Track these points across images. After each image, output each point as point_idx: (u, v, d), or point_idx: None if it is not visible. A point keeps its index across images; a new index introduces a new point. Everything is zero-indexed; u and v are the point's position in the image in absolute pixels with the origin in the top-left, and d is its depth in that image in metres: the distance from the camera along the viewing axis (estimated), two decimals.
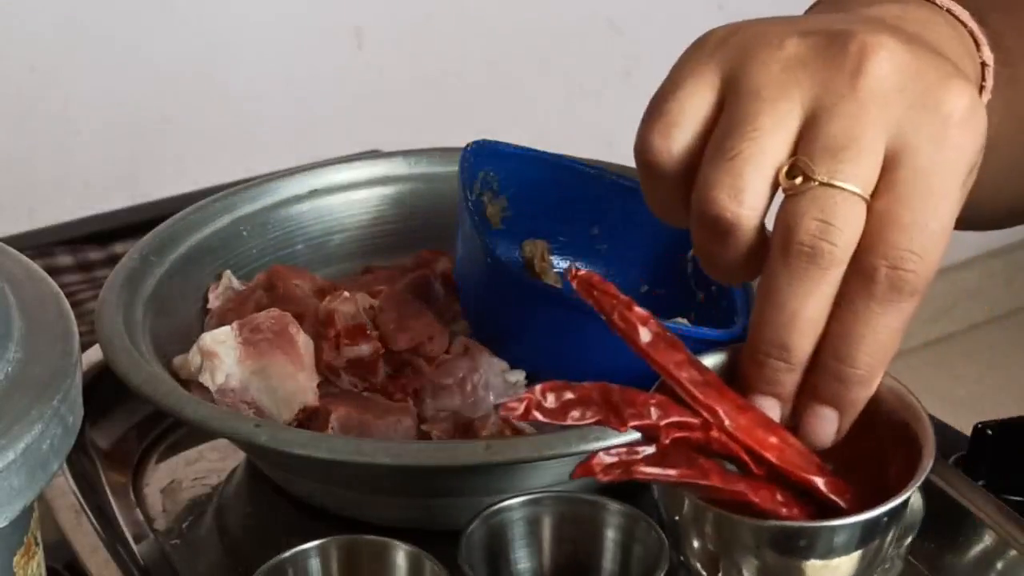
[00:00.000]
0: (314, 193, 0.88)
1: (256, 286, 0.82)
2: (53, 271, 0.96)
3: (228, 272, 0.83)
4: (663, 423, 0.52)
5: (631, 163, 0.87)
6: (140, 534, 0.75)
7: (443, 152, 0.90)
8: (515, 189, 0.82)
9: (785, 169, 0.51)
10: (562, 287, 0.82)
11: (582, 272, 0.54)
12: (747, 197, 0.51)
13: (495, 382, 0.76)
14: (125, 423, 0.83)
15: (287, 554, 0.64)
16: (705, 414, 0.53)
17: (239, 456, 0.81)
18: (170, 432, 0.84)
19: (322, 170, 0.89)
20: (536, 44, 1.77)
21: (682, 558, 0.56)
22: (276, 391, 0.73)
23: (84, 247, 1.14)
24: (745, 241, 0.53)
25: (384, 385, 0.76)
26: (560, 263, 0.84)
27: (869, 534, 0.53)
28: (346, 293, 0.78)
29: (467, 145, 0.80)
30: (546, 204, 0.82)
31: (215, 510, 0.78)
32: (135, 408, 0.83)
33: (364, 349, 0.76)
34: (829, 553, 0.53)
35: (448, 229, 0.80)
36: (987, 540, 0.69)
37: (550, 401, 0.51)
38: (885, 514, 0.53)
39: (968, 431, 0.78)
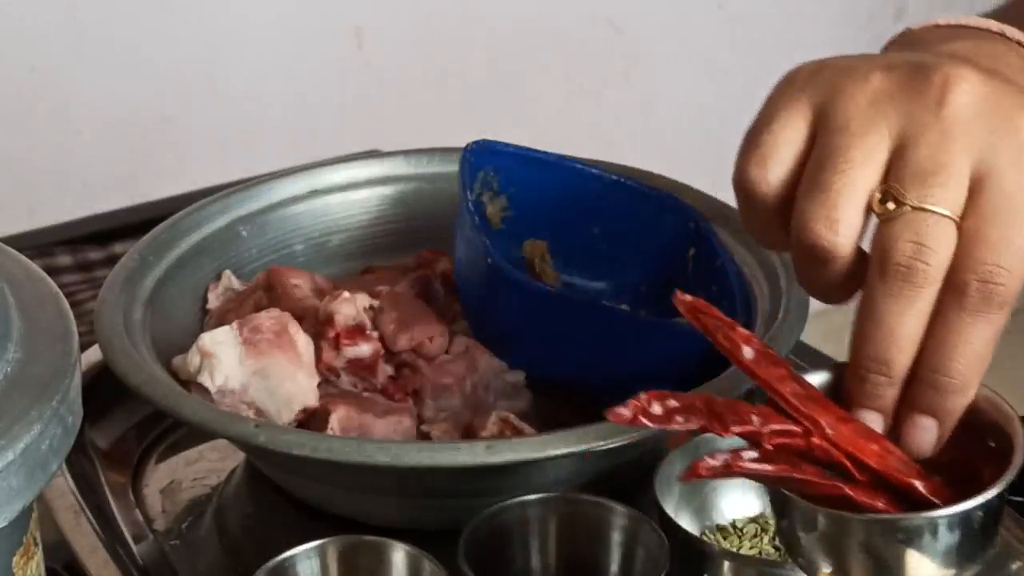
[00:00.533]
0: (314, 193, 0.88)
1: (255, 286, 0.82)
2: (53, 271, 0.96)
3: (228, 272, 0.83)
4: (766, 430, 0.55)
5: (631, 163, 0.87)
6: (139, 534, 0.75)
7: (443, 152, 0.90)
8: (515, 189, 0.82)
9: (878, 196, 0.55)
10: (561, 288, 0.82)
11: (688, 298, 0.57)
12: (842, 227, 0.55)
13: (495, 382, 0.76)
14: (124, 423, 0.83)
15: (287, 554, 0.64)
16: (807, 424, 0.55)
17: (239, 456, 0.81)
18: (170, 432, 0.84)
19: (322, 170, 0.89)
20: (536, 44, 1.77)
21: (798, 560, 0.58)
22: (276, 391, 0.73)
23: (84, 247, 1.14)
24: (842, 265, 0.57)
25: (384, 385, 0.76)
26: (561, 263, 0.83)
27: (967, 526, 0.55)
28: (346, 293, 0.77)
29: (467, 145, 0.80)
30: (546, 204, 0.82)
31: (215, 510, 0.78)
32: (135, 408, 0.83)
33: (364, 349, 0.76)
34: (929, 545, 0.55)
35: (448, 229, 0.80)
36: None
37: (655, 408, 0.54)
38: (980, 507, 0.55)
39: None
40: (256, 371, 0.74)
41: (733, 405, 0.55)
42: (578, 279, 0.84)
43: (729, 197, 0.86)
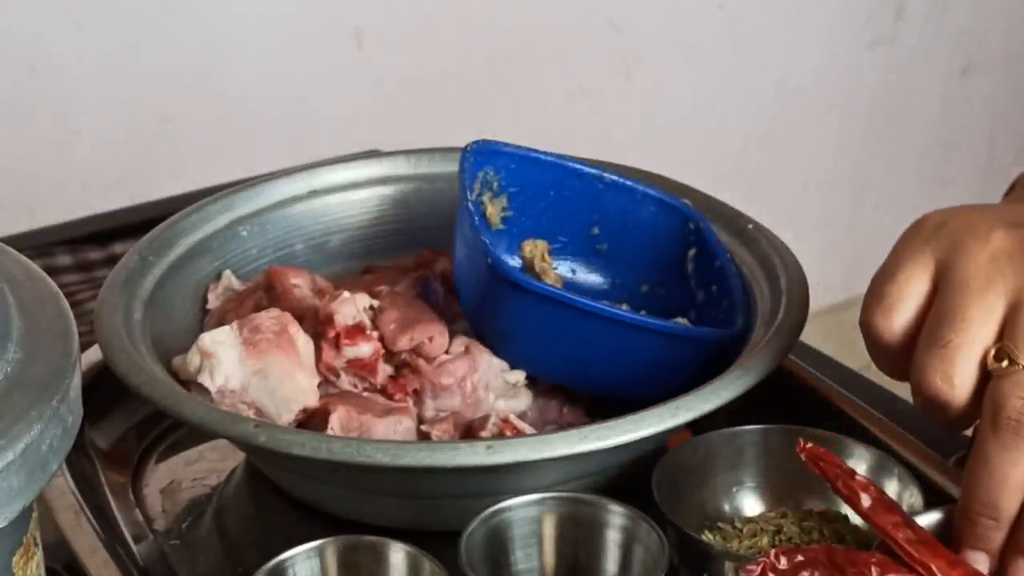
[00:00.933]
0: (314, 193, 0.88)
1: (256, 286, 0.82)
2: (53, 271, 0.96)
3: (228, 272, 0.83)
4: None
5: (631, 163, 0.87)
6: (139, 534, 0.75)
7: (443, 152, 0.90)
8: (515, 189, 0.82)
9: (993, 353, 0.60)
10: (562, 288, 0.82)
11: (810, 445, 0.63)
12: (958, 381, 0.61)
13: (495, 382, 0.76)
14: (124, 423, 0.83)
15: (287, 554, 0.64)
16: (920, 570, 0.59)
17: (239, 456, 0.81)
18: (170, 432, 0.84)
19: (322, 170, 0.89)
20: (536, 44, 1.77)
21: None
22: (276, 391, 0.73)
23: (84, 247, 1.14)
24: (957, 410, 0.62)
25: (384, 385, 0.76)
26: (561, 263, 0.83)
27: None
28: (346, 293, 0.77)
29: (467, 145, 0.80)
30: (546, 204, 0.83)
31: (215, 510, 0.78)
32: (135, 408, 0.83)
33: (364, 349, 0.76)
34: None
35: (448, 229, 0.80)
36: None
37: (783, 563, 0.59)
38: None
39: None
40: (256, 371, 0.74)
41: (854, 556, 0.60)
42: (579, 279, 0.84)
43: (729, 197, 0.87)
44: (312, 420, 0.73)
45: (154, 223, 0.83)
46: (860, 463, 0.71)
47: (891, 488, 0.70)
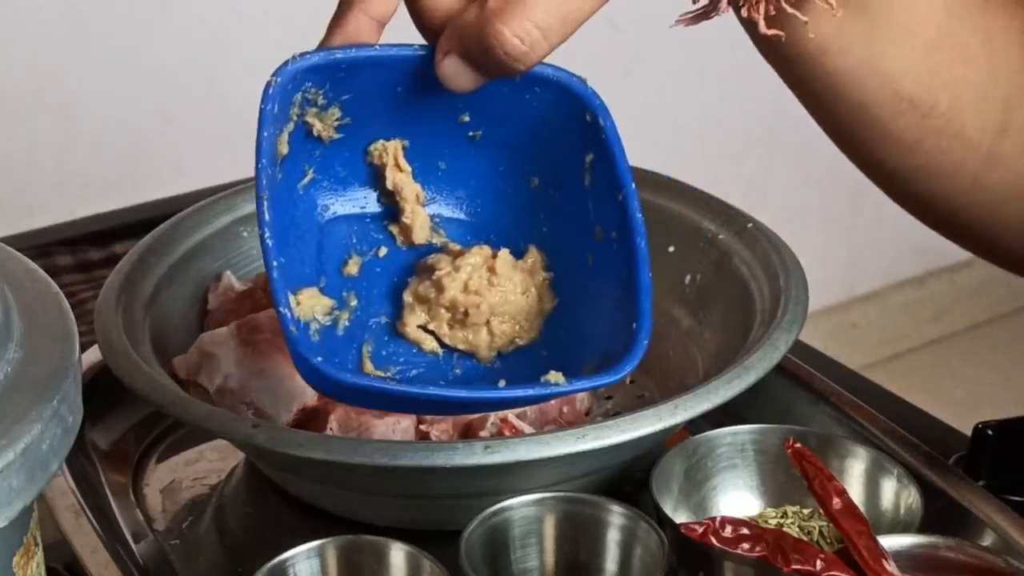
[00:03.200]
0: None
1: (256, 286, 0.82)
2: (53, 271, 0.96)
3: (228, 272, 0.83)
4: (824, 574, 0.60)
5: (631, 162, 0.87)
6: (140, 534, 0.75)
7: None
8: (350, 95, 0.62)
9: None
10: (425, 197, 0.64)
11: (797, 445, 0.65)
12: None
13: None
14: (125, 423, 0.83)
15: (287, 554, 0.64)
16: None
17: (239, 456, 0.81)
18: (170, 432, 0.84)
19: None
20: None
21: None
22: (275, 391, 0.73)
23: (84, 247, 1.14)
24: None
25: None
26: (422, 168, 0.64)
27: None
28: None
29: (269, 79, 0.61)
30: (393, 100, 0.62)
31: (215, 510, 0.78)
32: (135, 408, 0.83)
33: None
34: None
35: None
36: (987, 540, 0.69)
37: (727, 531, 0.61)
38: None
39: (968, 431, 0.78)
40: (255, 371, 0.74)
41: (803, 547, 0.61)
42: (447, 184, 0.65)
43: (729, 197, 0.86)
44: (311, 420, 0.73)
45: (154, 223, 0.83)
46: (859, 463, 0.71)
47: (890, 488, 0.70)
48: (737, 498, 0.72)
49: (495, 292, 0.62)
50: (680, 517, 0.67)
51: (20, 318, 0.51)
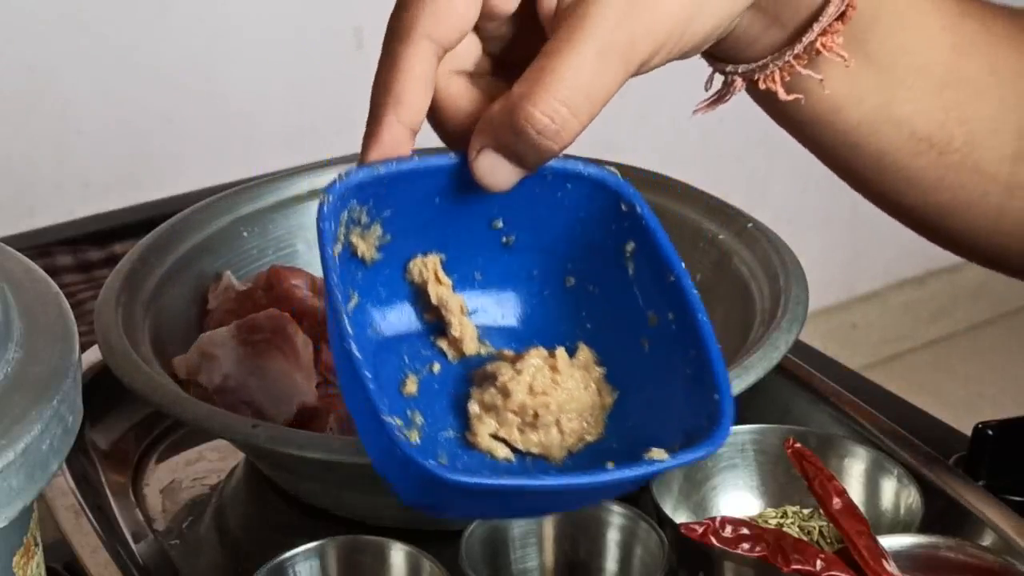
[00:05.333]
0: (314, 193, 0.88)
1: (256, 286, 0.82)
2: (53, 271, 0.96)
3: (228, 272, 0.83)
4: (824, 574, 0.60)
5: (631, 163, 0.87)
6: (140, 534, 0.75)
7: (443, 152, 0.90)
8: (391, 211, 0.61)
9: None
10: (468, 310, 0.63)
11: (797, 445, 0.65)
12: None
13: None
14: (125, 423, 0.83)
15: (287, 554, 0.64)
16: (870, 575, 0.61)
17: (239, 456, 0.81)
18: (170, 432, 0.84)
19: (322, 170, 0.89)
20: None
21: None
22: (275, 391, 0.73)
23: (84, 247, 1.14)
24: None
25: None
26: (461, 278, 0.63)
27: None
28: None
29: (320, 197, 0.58)
30: (432, 213, 0.61)
31: (215, 510, 0.78)
32: (135, 408, 0.83)
33: None
34: None
35: None
36: (987, 540, 0.69)
37: (727, 531, 0.61)
38: None
39: (968, 431, 0.78)
40: (255, 371, 0.74)
41: (803, 547, 0.61)
42: (485, 292, 0.64)
43: (729, 197, 0.86)
44: (311, 420, 0.73)
45: (154, 223, 0.83)
46: (859, 463, 0.71)
47: (890, 488, 0.70)
48: (737, 498, 0.72)
49: (560, 390, 0.60)
50: (680, 517, 0.67)
51: (20, 318, 0.51)
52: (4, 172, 1.51)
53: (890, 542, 0.63)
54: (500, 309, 0.64)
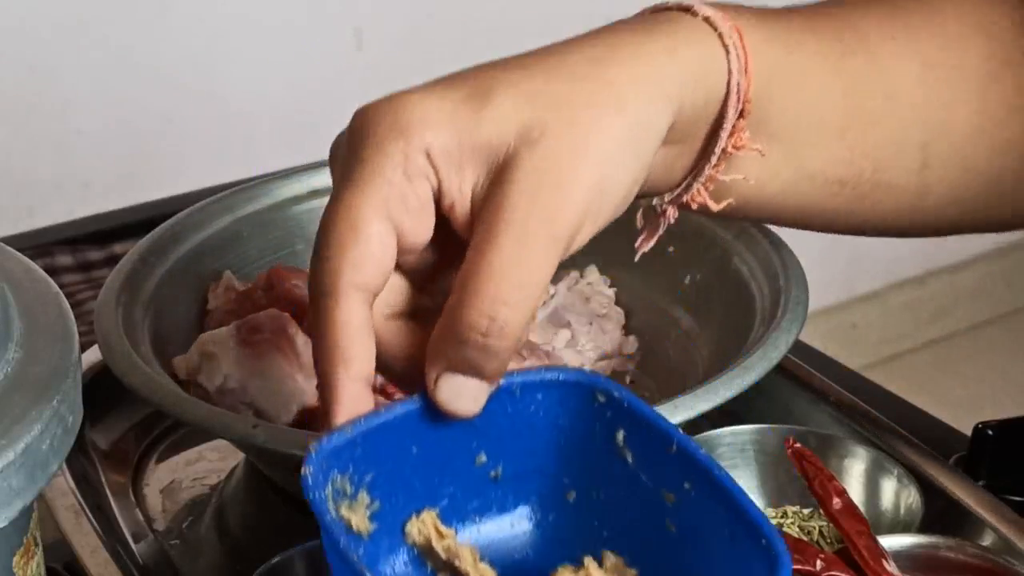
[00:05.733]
0: (314, 193, 0.88)
1: (256, 286, 0.82)
2: (53, 271, 0.96)
3: (228, 272, 0.83)
4: (824, 574, 0.61)
5: None
6: (140, 534, 0.75)
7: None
8: (372, 473, 0.57)
9: None
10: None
11: (797, 445, 0.66)
12: None
13: None
14: (125, 423, 0.83)
15: (287, 554, 0.64)
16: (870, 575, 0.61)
17: (239, 456, 0.81)
18: (170, 432, 0.84)
19: (322, 170, 0.89)
20: (535, 44, 1.77)
21: None
22: (275, 392, 0.73)
23: (84, 247, 1.14)
24: None
25: (383, 385, 0.76)
26: (459, 526, 0.59)
27: None
28: None
29: (302, 470, 0.54)
30: (409, 465, 0.58)
31: (215, 510, 0.78)
32: (135, 408, 0.83)
33: None
34: None
35: None
36: (987, 540, 0.69)
37: None
38: None
39: (968, 431, 0.78)
40: (255, 371, 0.74)
41: (803, 547, 0.61)
42: (491, 530, 0.60)
43: None
44: (311, 420, 0.73)
45: (154, 223, 0.83)
46: (859, 463, 0.71)
47: (890, 488, 0.70)
48: None
49: None
50: None
51: (20, 318, 0.51)
52: (4, 172, 1.51)
53: (890, 542, 0.63)
54: (511, 543, 0.61)
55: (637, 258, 0.67)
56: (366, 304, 0.53)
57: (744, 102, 0.60)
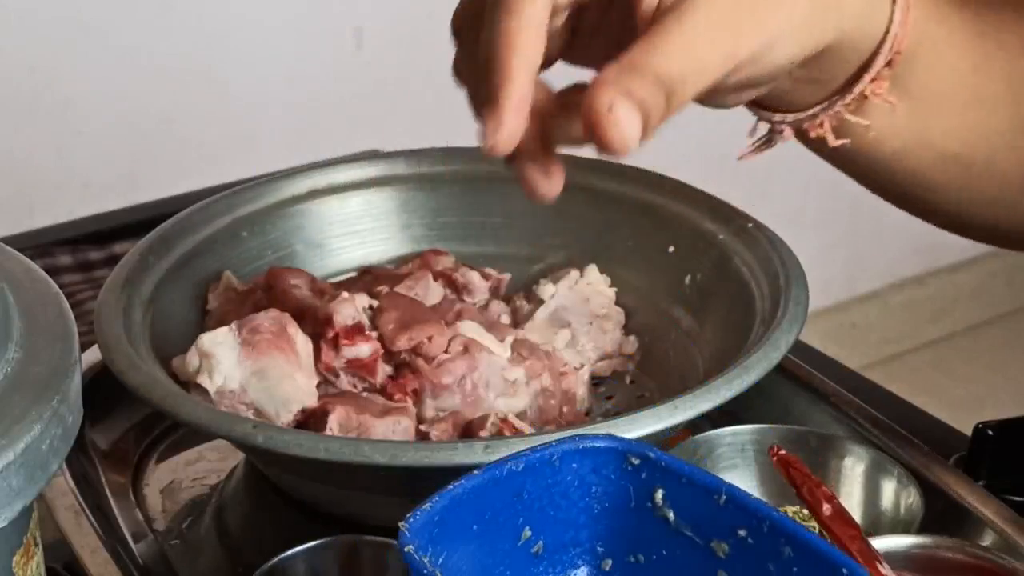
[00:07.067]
0: (314, 193, 0.88)
1: (255, 286, 0.82)
2: (53, 271, 0.96)
3: (228, 272, 0.83)
4: None
5: (631, 162, 0.87)
6: (140, 534, 0.75)
7: (443, 152, 0.90)
8: (444, 554, 0.57)
9: None
10: None
11: (782, 452, 0.64)
12: None
13: (495, 381, 0.76)
14: (125, 423, 0.83)
15: (287, 554, 0.64)
16: None
17: (239, 456, 0.81)
18: (170, 432, 0.84)
19: (322, 170, 0.89)
20: None
21: None
22: (275, 392, 0.73)
23: (84, 247, 1.14)
24: None
25: (383, 385, 0.76)
26: None
27: None
28: (345, 294, 0.77)
29: (405, 548, 0.56)
30: (471, 541, 0.58)
31: (215, 510, 0.78)
32: (135, 408, 0.83)
33: (363, 349, 0.76)
34: None
35: (448, 229, 0.80)
36: (987, 540, 0.69)
37: None
38: None
39: (968, 431, 0.78)
40: (255, 371, 0.74)
41: None
42: None
43: (729, 197, 0.86)
44: (311, 420, 0.73)
45: (154, 223, 0.83)
46: (859, 463, 0.71)
47: (890, 488, 0.70)
48: None
49: None
50: None
51: (20, 318, 0.51)
52: (4, 172, 1.51)
53: (889, 543, 0.63)
54: None
55: (740, 158, 0.71)
56: (549, 5, 0.57)
57: (896, 52, 0.63)
